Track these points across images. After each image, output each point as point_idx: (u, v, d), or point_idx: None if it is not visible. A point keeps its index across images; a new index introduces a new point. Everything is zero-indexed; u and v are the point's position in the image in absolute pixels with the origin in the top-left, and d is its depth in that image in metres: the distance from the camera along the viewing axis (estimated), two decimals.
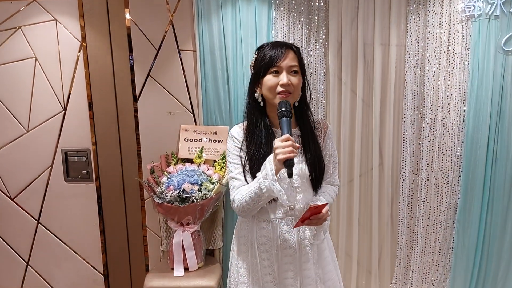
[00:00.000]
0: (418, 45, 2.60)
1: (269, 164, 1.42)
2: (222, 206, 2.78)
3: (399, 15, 2.59)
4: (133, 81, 2.80)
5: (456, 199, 2.66)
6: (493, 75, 2.52)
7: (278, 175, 1.44)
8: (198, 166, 2.68)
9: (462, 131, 2.60)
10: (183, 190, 2.47)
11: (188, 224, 2.57)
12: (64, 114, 2.85)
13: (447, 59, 2.56)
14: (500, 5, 2.48)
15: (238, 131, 1.63)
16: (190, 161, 2.75)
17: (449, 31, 2.54)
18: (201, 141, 2.77)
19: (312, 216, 1.46)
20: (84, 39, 2.78)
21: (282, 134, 1.42)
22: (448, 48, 2.56)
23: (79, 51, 2.79)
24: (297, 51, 1.60)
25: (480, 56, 2.52)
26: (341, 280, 1.80)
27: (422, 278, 2.77)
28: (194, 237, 2.59)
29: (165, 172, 2.63)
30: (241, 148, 1.59)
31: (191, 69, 2.77)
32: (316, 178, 1.64)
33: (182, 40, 2.76)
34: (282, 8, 2.64)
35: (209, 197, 2.50)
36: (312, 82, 2.72)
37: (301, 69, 1.59)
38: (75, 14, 2.76)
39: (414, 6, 2.58)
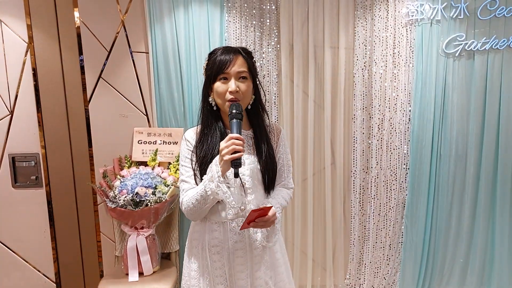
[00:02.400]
0: (365, 48, 2.70)
1: (215, 166, 1.43)
2: (178, 209, 2.77)
3: (347, 19, 2.68)
4: (84, 83, 2.73)
5: (404, 195, 2.78)
6: (435, 77, 2.66)
7: (225, 177, 1.45)
8: (152, 169, 2.65)
9: (408, 130, 2.72)
10: (137, 193, 2.44)
11: (142, 228, 2.54)
12: (11, 117, 2.75)
13: (393, 61, 2.68)
14: (441, 10, 2.61)
15: (191, 134, 1.63)
16: (144, 164, 2.72)
17: (394, 35, 2.66)
18: (155, 144, 2.75)
19: (258, 218, 1.46)
20: (31, 40, 2.69)
21: None
22: (393, 51, 2.67)
23: (26, 52, 2.70)
24: (247, 56, 1.60)
25: (423, 58, 2.65)
26: (292, 282, 1.81)
27: (374, 273, 2.87)
28: (148, 241, 2.56)
29: (118, 176, 2.58)
30: (192, 152, 1.59)
31: (144, 71, 2.74)
32: (269, 180, 1.64)
33: (134, 42, 2.72)
34: (234, 11, 2.67)
35: (164, 200, 2.48)
36: (265, 84, 2.76)
37: (251, 74, 1.59)
38: (21, 14, 2.66)
39: (361, 10, 2.67)
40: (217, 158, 1.45)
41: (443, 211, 2.78)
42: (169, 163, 2.72)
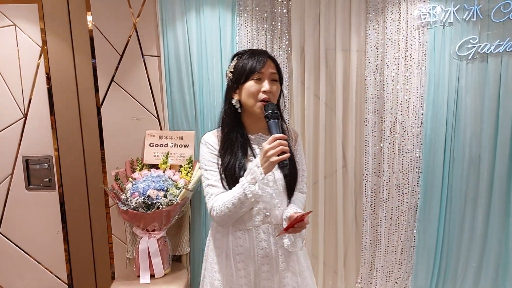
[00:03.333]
0: (377, 51, 2.69)
1: (257, 168, 1.40)
2: (189, 212, 2.78)
3: (359, 21, 2.67)
4: (96, 87, 2.76)
5: (416, 199, 2.76)
6: (448, 80, 2.63)
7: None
8: (164, 172, 2.66)
9: (420, 133, 2.70)
10: (148, 196, 2.45)
11: (154, 230, 2.55)
12: (25, 120, 2.78)
13: (405, 64, 2.66)
14: (453, 12, 2.59)
15: (213, 138, 1.60)
16: (156, 166, 2.73)
17: (406, 38, 2.64)
18: (167, 146, 2.76)
19: (297, 224, 1.44)
20: (45, 44, 2.72)
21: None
22: (406, 54, 2.65)
23: (40, 56, 2.73)
24: (275, 61, 1.62)
25: (436, 61, 2.63)
26: (315, 286, 1.78)
27: (386, 277, 2.85)
28: (160, 244, 2.57)
29: (130, 178, 2.60)
30: (216, 155, 1.57)
31: (156, 75, 2.76)
32: (292, 185, 1.64)
33: (146, 45, 2.74)
34: (245, 15, 2.68)
35: (175, 202, 2.49)
36: None
37: (280, 77, 1.61)
38: (35, 19, 2.70)
39: (373, 13, 2.66)
40: (257, 161, 1.42)
41: (456, 215, 2.75)
42: (180, 166, 2.73)
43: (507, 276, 2.76)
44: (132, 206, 2.45)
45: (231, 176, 1.52)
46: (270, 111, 1.46)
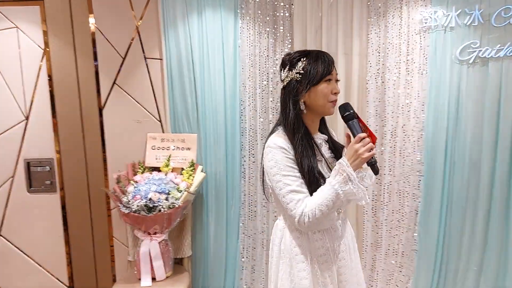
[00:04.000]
0: (379, 55, 2.70)
1: (348, 167, 1.41)
2: (191, 215, 2.78)
3: (360, 25, 2.69)
4: (98, 89, 2.76)
5: (417, 202, 2.77)
6: (449, 84, 2.64)
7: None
8: (166, 175, 2.67)
9: (421, 137, 2.71)
10: (150, 199, 2.46)
11: (155, 233, 2.56)
12: (26, 123, 2.78)
13: (406, 68, 2.67)
14: (455, 17, 2.61)
15: (284, 142, 1.51)
16: (158, 169, 2.74)
17: (408, 42, 2.65)
18: (169, 149, 2.76)
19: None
20: (47, 46, 2.72)
21: (354, 137, 1.45)
22: (407, 58, 2.66)
23: (42, 58, 2.73)
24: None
25: (437, 65, 2.64)
26: None
27: (387, 280, 2.85)
28: (161, 246, 2.57)
29: (132, 181, 2.60)
30: (293, 159, 1.51)
31: (158, 77, 2.76)
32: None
33: (148, 48, 2.75)
34: (248, 18, 2.69)
35: (177, 206, 2.49)
36: (278, 91, 2.77)
37: None
38: (37, 21, 2.70)
39: (375, 17, 2.67)
40: (344, 160, 1.43)
41: (457, 219, 2.76)
42: (182, 169, 2.74)
43: (507, 280, 2.77)
44: (133, 209, 2.45)
45: (313, 180, 1.49)
46: (352, 111, 1.49)
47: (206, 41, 2.69)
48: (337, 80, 1.58)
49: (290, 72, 1.53)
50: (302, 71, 1.51)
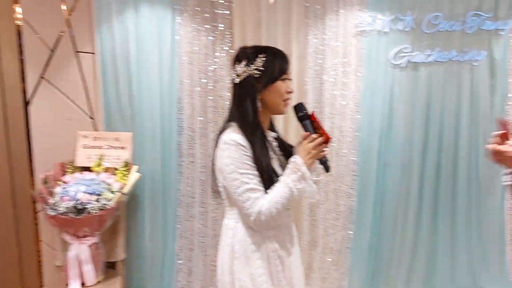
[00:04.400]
0: (317, 57, 2.74)
1: (302, 166, 1.42)
2: (125, 216, 2.68)
3: (299, 27, 2.71)
4: (24, 84, 2.58)
5: (352, 201, 2.84)
6: (383, 87, 2.74)
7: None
8: (98, 175, 2.55)
9: (356, 138, 2.78)
10: (79, 200, 2.34)
11: (85, 236, 2.43)
12: None
13: (343, 70, 2.73)
14: (389, 22, 2.70)
15: (242, 138, 1.46)
16: (89, 169, 2.61)
17: (344, 44, 2.71)
18: (102, 148, 2.64)
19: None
20: None
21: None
22: (343, 60, 2.72)
23: None
24: None
25: (371, 68, 2.73)
26: None
27: (323, 278, 2.91)
28: (92, 250, 2.45)
29: (61, 182, 2.46)
30: (250, 157, 1.47)
31: (90, 72, 2.63)
32: None
33: (80, 42, 2.61)
34: (186, 14, 2.63)
35: (108, 207, 2.38)
36: (218, 89, 2.73)
37: None
38: None
39: (313, 19, 2.71)
40: (298, 158, 1.43)
41: (389, 217, 2.87)
42: (116, 169, 2.63)
43: (436, 275, 2.91)
44: (60, 211, 2.32)
45: (269, 177, 1.47)
46: (305, 111, 1.50)
47: (142, 36, 2.60)
48: (290, 79, 1.58)
49: (248, 68, 1.48)
50: (262, 68, 1.48)
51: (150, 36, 2.61)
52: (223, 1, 2.65)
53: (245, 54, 1.51)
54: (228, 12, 2.66)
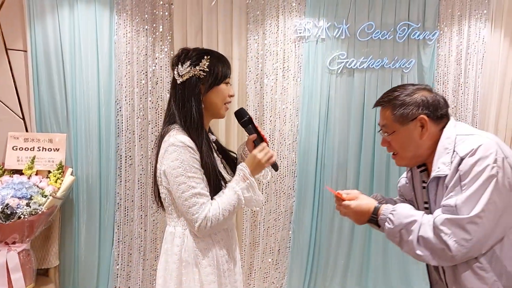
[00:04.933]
0: (257, 61, 2.79)
1: (250, 176, 1.43)
2: (58, 221, 2.58)
3: (240, 31, 2.75)
4: None
5: (292, 202, 2.92)
6: (320, 91, 2.84)
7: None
8: (29, 178, 2.44)
9: (296, 140, 2.87)
10: (8, 205, 2.22)
11: (14, 243, 2.31)
12: None
13: (283, 75, 2.80)
14: (325, 29, 2.81)
15: (190, 140, 1.42)
16: (20, 172, 2.49)
17: (284, 50, 2.79)
18: (33, 150, 2.53)
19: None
20: None
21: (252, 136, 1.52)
22: (283, 65, 2.80)
23: None
24: None
25: (310, 73, 2.82)
26: None
27: (263, 278, 2.95)
28: (22, 257, 2.34)
29: None
30: (198, 160, 1.43)
31: (21, 71, 2.52)
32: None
33: (10, 38, 2.49)
34: (124, 14, 2.58)
35: (40, 212, 2.29)
36: (157, 91, 2.71)
37: None
38: None
39: (254, 24, 2.76)
40: (244, 166, 1.45)
41: (327, 217, 2.97)
42: (49, 172, 2.52)
43: (369, 272, 3.05)
44: None
45: (215, 180, 1.45)
46: (248, 116, 1.53)
47: (79, 34, 2.53)
48: (231, 84, 1.60)
49: (193, 68, 1.46)
50: (207, 69, 1.47)
51: (87, 34, 2.54)
52: (163, 3, 2.63)
53: (189, 56, 1.49)
54: (167, 13, 2.65)
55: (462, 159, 1.15)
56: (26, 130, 2.56)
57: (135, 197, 2.73)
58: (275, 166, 1.54)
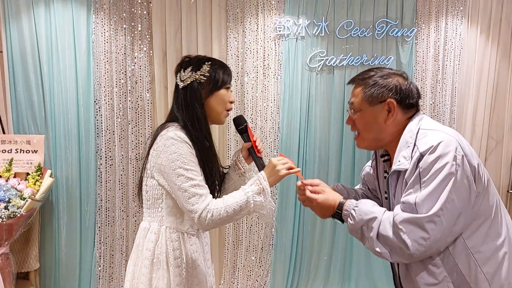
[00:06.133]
0: (238, 59, 2.80)
1: (264, 181, 1.42)
2: (38, 224, 2.54)
3: (219, 29, 2.75)
4: None
5: (274, 199, 2.93)
6: (301, 89, 2.86)
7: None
8: (7, 181, 2.40)
9: (277, 138, 2.88)
10: None
11: None
12: None
13: (263, 73, 2.81)
14: (305, 27, 2.82)
15: (187, 137, 1.45)
16: None
17: (264, 48, 2.79)
18: (11, 152, 2.49)
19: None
20: None
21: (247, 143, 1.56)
22: (264, 63, 2.80)
23: None
24: None
25: (290, 71, 2.83)
26: None
27: (247, 276, 2.96)
28: (1, 261, 2.29)
29: None
30: (194, 154, 1.45)
31: None
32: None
33: None
34: (102, 13, 2.56)
35: (19, 215, 2.25)
36: (137, 90, 2.69)
37: None
38: None
39: (233, 22, 2.76)
40: (262, 173, 1.45)
41: (309, 214, 2.99)
42: (27, 174, 2.49)
43: (352, 267, 3.08)
44: None
45: (211, 182, 1.49)
46: (245, 124, 1.57)
47: (55, 34, 2.50)
48: (231, 91, 1.61)
49: (194, 73, 1.48)
50: (208, 74, 1.48)
51: (64, 34, 2.51)
52: (141, 1, 2.61)
53: (190, 62, 1.51)
54: (146, 12, 2.63)
55: (422, 156, 1.15)
56: (3, 132, 2.51)
57: (116, 198, 2.71)
58: (262, 166, 1.53)
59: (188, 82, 1.49)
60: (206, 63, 1.50)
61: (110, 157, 2.69)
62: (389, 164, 1.37)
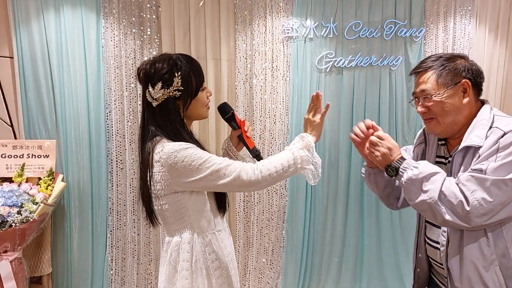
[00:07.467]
0: (246, 61, 2.80)
1: (307, 136, 1.48)
2: (50, 228, 2.55)
3: (228, 32, 2.75)
4: None
5: (285, 201, 2.93)
6: (310, 90, 2.85)
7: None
8: (19, 186, 2.41)
9: (286, 140, 2.88)
10: None
11: (6, 251, 2.28)
12: None
13: (272, 75, 2.81)
14: (313, 28, 2.82)
15: (180, 142, 1.41)
16: (10, 180, 2.46)
17: (272, 50, 2.80)
18: (23, 157, 2.50)
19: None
20: None
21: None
22: (272, 65, 2.81)
23: None
24: None
25: (298, 73, 2.83)
26: None
27: (259, 278, 2.96)
28: (14, 266, 2.31)
29: None
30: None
31: (8, 77, 2.49)
32: None
33: None
34: (112, 18, 2.57)
35: (31, 219, 2.26)
36: None
37: None
38: None
39: (242, 25, 2.76)
40: (301, 134, 1.50)
41: (320, 215, 2.99)
42: (39, 179, 2.50)
43: (363, 268, 3.08)
44: None
45: None
46: (231, 111, 1.60)
47: (65, 39, 2.51)
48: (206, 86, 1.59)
49: (167, 90, 1.39)
50: (181, 88, 1.41)
51: (74, 39, 2.52)
52: (150, 6, 2.62)
53: (158, 74, 1.40)
54: (155, 16, 2.64)
55: (505, 134, 1.20)
56: (15, 137, 2.53)
57: (127, 201, 2.72)
58: (258, 158, 1.54)
59: (163, 100, 1.41)
60: (176, 74, 1.41)
61: (121, 160, 2.69)
62: (447, 149, 1.41)
